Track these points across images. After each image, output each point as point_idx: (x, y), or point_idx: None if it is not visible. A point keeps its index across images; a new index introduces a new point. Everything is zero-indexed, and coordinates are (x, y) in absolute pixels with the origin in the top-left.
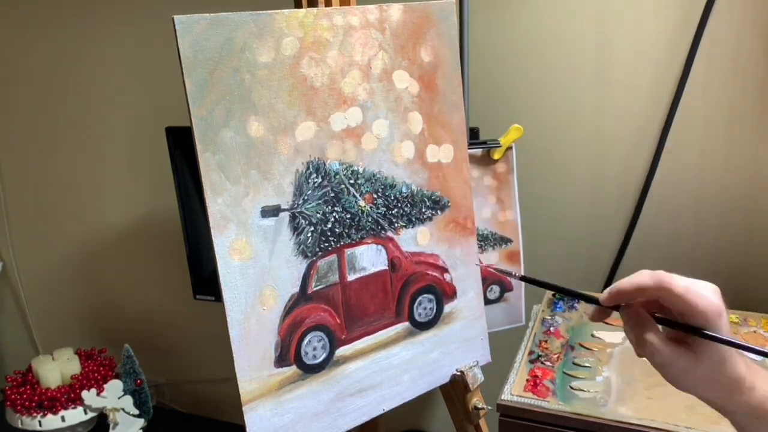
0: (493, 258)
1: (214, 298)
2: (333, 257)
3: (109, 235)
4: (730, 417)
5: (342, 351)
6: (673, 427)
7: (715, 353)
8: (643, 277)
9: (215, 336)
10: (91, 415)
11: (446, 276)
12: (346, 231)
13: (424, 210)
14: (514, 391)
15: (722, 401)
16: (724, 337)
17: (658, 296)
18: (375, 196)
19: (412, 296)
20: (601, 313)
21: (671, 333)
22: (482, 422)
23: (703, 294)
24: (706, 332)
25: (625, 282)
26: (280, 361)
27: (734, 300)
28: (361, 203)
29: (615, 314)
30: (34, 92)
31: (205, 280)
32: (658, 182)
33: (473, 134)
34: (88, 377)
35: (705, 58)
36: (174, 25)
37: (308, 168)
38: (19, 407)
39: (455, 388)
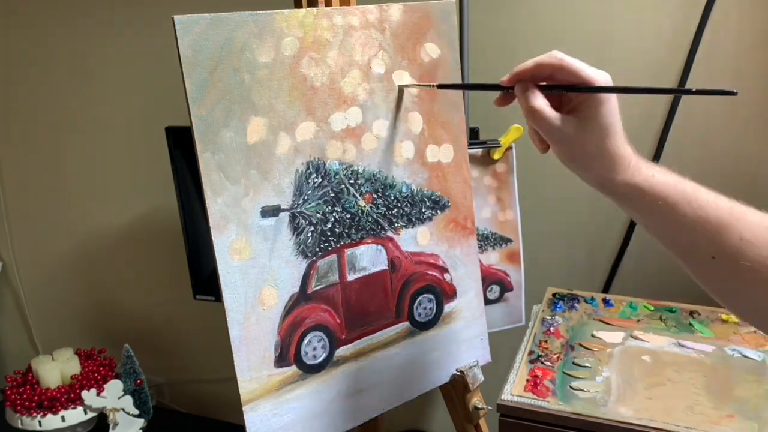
0: (493, 258)
1: (214, 298)
2: (333, 257)
3: (109, 235)
4: (617, 197)
5: (342, 351)
6: (673, 427)
7: (599, 121)
8: (541, 56)
9: (215, 336)
10: (91, 415)
11: (446, 276)
12: (346, 231)
13: (424, 210)
14: (514, 391)
15: (608, 176)
16: (607, 86)
17: (554, 72)
18: (375, 196)
19: (412, 296)
20: (504, 98)
21: (562, 108)
22: (482, 422)
23: (593, 69)
24: (596, 86)
25: (526, 62)
26: (280, 361)
27: None
28: (361, 203)
29: (614, 315)
30: (34, 92)
31: (205, 280)
32: None
33: (473, 134)
34: (88, 377)
35: (705, 58)
36: (174, 25)
37: (308, 168)
38: (19, 407)
39: (455, 388)
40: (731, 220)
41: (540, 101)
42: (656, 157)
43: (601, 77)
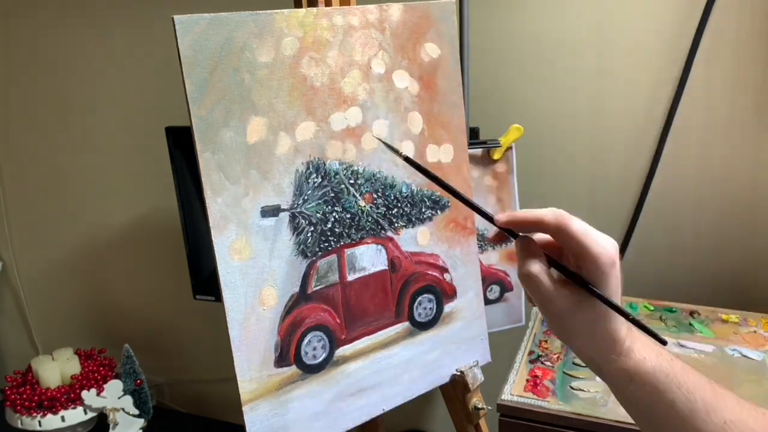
0: (493, 258)
1: (214, 298)
2: (333, 257)
3: (109, 235)
4: (604, 378)
5: (342, 351)
6: None
7: (597, 305)
8: (545, 210)
9: (215, 336)
10: (90, 415)
11: (446, 276)
12: (346, 231)
13: (424, 210)
14: (514, 391)
15: (598, 359)
16: (603, 296)
17: (556, 233)
18: (375, 196)
19: (412, 296)
20: (499, 236)
21: (561, 278)
22: (482, 422)
23: (599, 240)
24: (591, 287)
25: (528, 211)
26: (280, 361)
27: (734, 300)
28: (361, 203)
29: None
30: (34, 92)
31: (205, 280)
32: (658, 182)
33: (473, 134)
34: (88, 377)
35: (705, 58)
36: (174, 25)
37: (308, 168)
38: (18, 407)
39: (455, 388)
40: (715, 402)
41: (537, 267)
42: (657, 157)
43: (607, 253)
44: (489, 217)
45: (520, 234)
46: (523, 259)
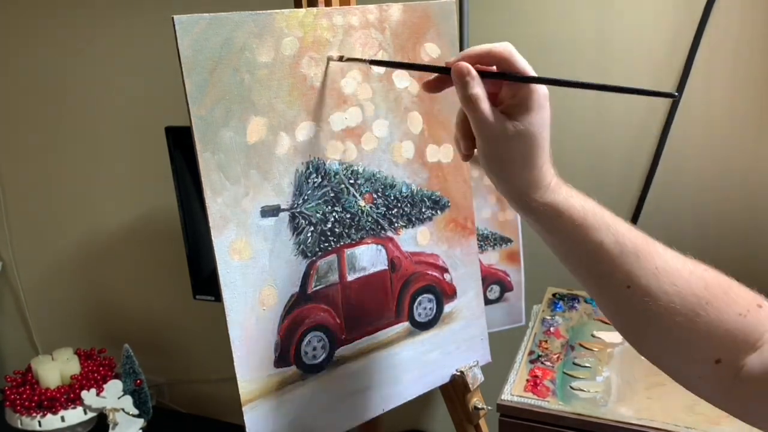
0: (493, 258)
1: (214, 298)
2: (333, 257)
3: (109, 235)
4: (530, 214)
5: (342, 351)
6: (673, 427)
7: (531, 129)
8: (495, 43)
9: (215, 336)
10: (90, 415)
11: (446, 276)
12: (346, 231)
13: (424, 210)
14: (514, 391)
15: (525, 189)
16: (546, 78)
17: (500, 62)
18: (375, 196)
19: (412, 296)
20: (436, 83)
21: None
22: (482, 422)
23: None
24: (530, 77)
25: (478, 46)
26: (280, 361)
27: None
28: (361, 203)
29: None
30: (33, 92)
31: (205, 280)
32: (658, 182)
33: None
34: (88, 377)
35: (705, 58)
36: (174, 25)
37: (308, 168)
38: (18, 407)
39: (455, 388)
40: (647, 249)
41: (479, 89)
42: (657, 156)
43: (542, 88)
44: (434, 67)
45: (461, 62)
46: (464, 85)
